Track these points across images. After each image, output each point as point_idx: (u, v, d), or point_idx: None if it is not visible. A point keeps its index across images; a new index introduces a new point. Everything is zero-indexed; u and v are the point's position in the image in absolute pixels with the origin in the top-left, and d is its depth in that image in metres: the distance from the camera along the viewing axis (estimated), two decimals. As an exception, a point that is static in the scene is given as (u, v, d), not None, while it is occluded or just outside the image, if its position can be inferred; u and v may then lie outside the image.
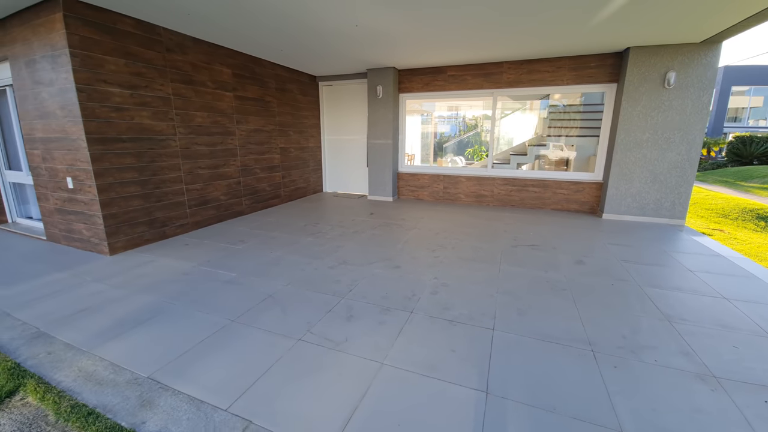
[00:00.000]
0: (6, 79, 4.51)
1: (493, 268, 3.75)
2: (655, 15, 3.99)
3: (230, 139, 5.65)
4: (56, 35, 3.55)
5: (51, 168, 4.17)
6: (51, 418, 1.80)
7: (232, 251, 4.25)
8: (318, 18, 4.16)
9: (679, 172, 5.43)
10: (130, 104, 4.13)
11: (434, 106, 8.49)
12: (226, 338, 2.45)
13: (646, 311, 2.84)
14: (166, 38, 4.48)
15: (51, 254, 4.16)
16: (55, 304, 2.95)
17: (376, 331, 2.55)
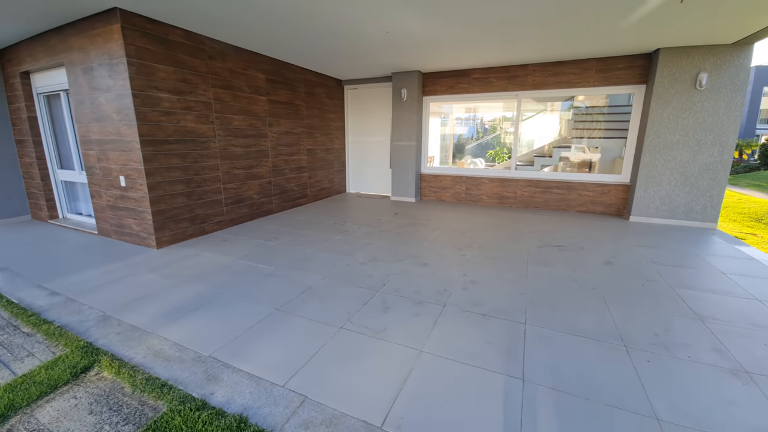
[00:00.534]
0: (62, 84, 4.91)
1: (521, 267, 3.84)
2: (688, 16, 3.99)
3: (263, 141, 5.93)
4: (114, 45, 3.87)
5: (105, 167, 4.52)
6: (127, 389, 2.03)
7: (267, 247, 4.49)
8: (351, 25, 4.36)
9: (711, 174, 5.35)
10: (177, 108, 4.43)
11: (452, 108, 8.58)
12: (273, 324, 2.65)
13: (678, 311, 2.87)
14: (209, 47, 4.78)
15: (103, 247, 4.50)
16: (115, 291, 3.23)
17: (412, 322, 2.69)
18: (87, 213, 5.69)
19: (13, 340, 2.52)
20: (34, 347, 2.43)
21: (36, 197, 5.75)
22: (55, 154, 5.58)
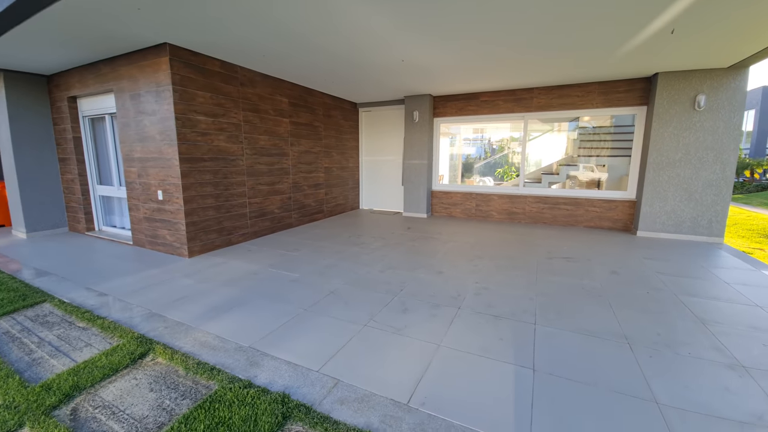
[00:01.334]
0: (109, 108, 5.44)
1: (530, 276, 4.05)
2: (681, 45, 4.33)
3: (285, 160, 6.35)
4: (162, 74, 4.36)
5: (145, 183, 4.94)
6: (181, 372, 2.29)
7: (289, 257, 4.78)
8: (368, 55, 4.81)
9: (715, 190, 5.54)
10: (212, 130, 4.88)
11: (460, 129, 8.95)
12: (302, 322, 2.91)
13: (680, 315, 3.05)
14: (241, 75, 5.28)
15: (140, 256, 4.86)
16: (157, 293, 3.54)
17: (430, 321, 2.92)
18: (121, 226, 6.11)
19: (70, 334, 2.82)
20: (90, 339, 2.72)
21: (75, 211, 6.20)
22: (95, 171, 6.07)
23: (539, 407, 1.91)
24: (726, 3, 3.18)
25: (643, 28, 3.80)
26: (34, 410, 1.95)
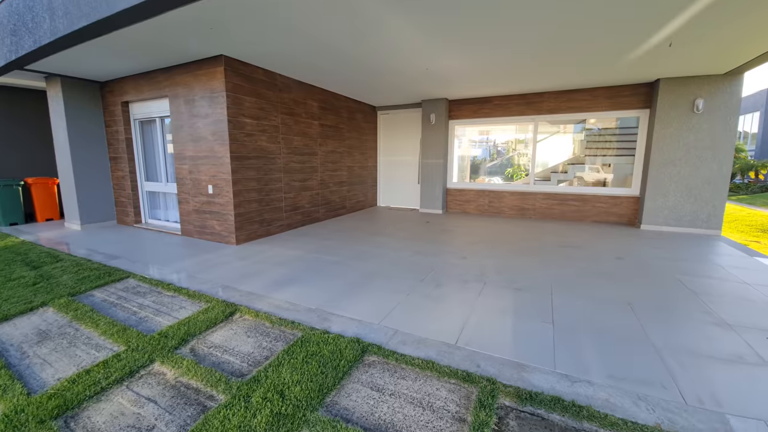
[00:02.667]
0: (160, 112, 6.03)
1: (544, 260, 4.55)
2: (679, 55, 4.83)
3: (314, 158, 6.91)
4: (217, 82, 4.94)
5: (195, 179, 5.51)
6: (268, 324, 2.83)
7: (325, 245, 5.33)
8: (396, 65, 5.36)
9: (713, 186, 6.01)
10: (255, 131, 5.45)
11: (465, 131, 9.41)
12: (354, 292, 3.44)
13: (677, 289, 3.54)
14: (280, 82, 5.86)
15: (191, 243, 5.42)
16: (222, 271, 4.10)
17: (462, 292, 3.44)
18: (165, 218, 6.69)
19: (162, 300, 3.38)
20: (182, 303, 3.28)
21: (124, 205, 6.80)
22: (143, 169, 6.67)
23: (559, 348, 2.43)
24: (717, 20, 3.68)
25: (643, 42, 4.31)
26: (159, 350, 2.49)
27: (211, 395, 2.03)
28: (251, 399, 1.95)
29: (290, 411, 1.85)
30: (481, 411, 1.81)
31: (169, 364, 2.32)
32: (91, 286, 3.66)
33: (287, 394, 1.98)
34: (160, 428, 1.81)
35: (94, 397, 2.04)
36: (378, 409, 1.88)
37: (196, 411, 1.91)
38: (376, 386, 2.06)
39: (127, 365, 2.30)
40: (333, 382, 2.08)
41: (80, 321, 2.94)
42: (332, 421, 1.78)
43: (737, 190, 20.56)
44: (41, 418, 1.87)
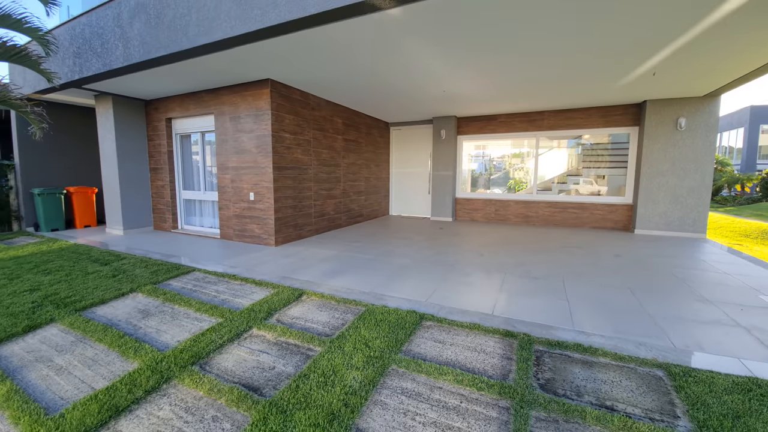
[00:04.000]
0: (202, 127, 6.69)
1: (553, 257, 5.19)
2: (662, 81, 5.63)
3: (338, 170, 7.57)
4: (262, 102, 5.62)
5: (237, 187, 6.13)
6: (333, 303, 3.41)
7: (355, 246, 5.92)
8: (418, 87, 6.09)
9: (697, 195, 6.75)
10: (293, 144, 6.11)
11: (473, 145, 10.16)
12: (395, 280, 4.04)
13: (667, 278, 4.19)
14: (312, 101, 6.57)
15: (232, 245, 5.99)
16: (273, 266, 4.67)
17: (487, 279, 4.06)
18: (200, 224, 7.26)
19: (234, 287, 3.94)
20: (252, 290, 3.84)
21: (162, 212, 7.36)
22: (181, 179, 7.27)
23: (575, 315, 3.04)
24: (694, 53, 4.46)
25: (631, 71, 5.09)
26: (252, 320, 3.06)
27: (309, 348, 2.61)
28: (344, 348, 2.53)
29: (378, 354, 2.44)
30: (523, 351, 2.41)
31: (265, 329, 2.90)
32: (165, 277, 4.22)
33: (371, 344, 2.56)
34: (279, 368, 2.38)
35: (216, 351, 2.61)
36: (444, 353, 2.47)
37: (302, 358, 2.49)
38: (438, 340, 2.65)
39: (231, 330, 2.87)
40: (404, 337, 2.67)
41: (172, 302, 3.50)
42: (413, 360, 2.37)
43: (725, 202, 21.55)
44: (181, 364, 2.43)
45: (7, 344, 2.81)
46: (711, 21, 3.50)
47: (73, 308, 3.36)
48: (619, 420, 1.81)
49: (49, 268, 4.57)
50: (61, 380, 2.33)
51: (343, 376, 2.22)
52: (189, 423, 1.91)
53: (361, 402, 2.00)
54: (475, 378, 2.18)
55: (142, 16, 4.63)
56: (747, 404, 1.92)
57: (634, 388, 2.09)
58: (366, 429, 1.82)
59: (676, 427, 1.79)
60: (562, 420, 1.84)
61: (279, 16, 3.55)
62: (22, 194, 7.44)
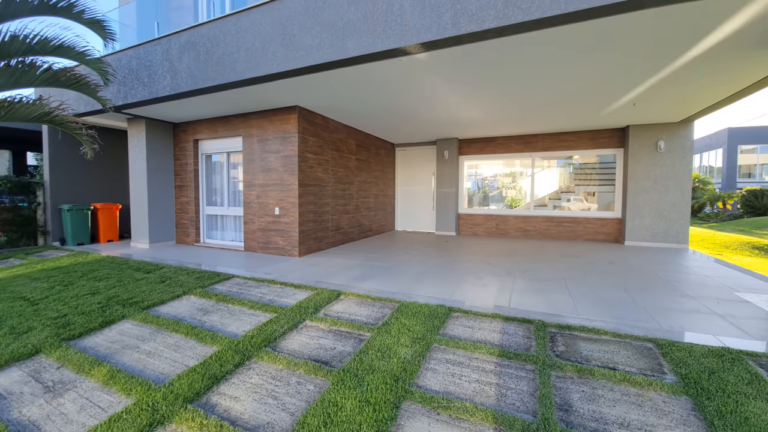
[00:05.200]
0: (231, 148, 7.26)
1: (554, 264, 5.77)
2: (642, 109, 6.43)
3: (351, 187, 8.16)
4: (290, 126, 6.25)
5: (263, 202, 6.65)
6: (369, 300, 3.90)
7: (372, 257, 6.43)
8: (430, 113, 6.81)
9: (678, 209, 7.48)
10: (315, 164, 6.71)
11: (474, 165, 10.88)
12: (418, 283, 4.55)
13: (654, 279, 4.78)
14: (331, 125, 7.23)
15: (258, 257, 6.44)
16: (304, 273, 5.14)
17: (499, 281, 4.60)
18: (221, 238, 7.71)
19: (275, 290, 4.40)
20: (293, 291, 4.31)
21: (185, 226, 7.81)
22: (205, 196, 7.77)
23: (579, 307, 3.59)
24: (667, 88, 5.24)
25: (615, 102, 5.87)
26: (303, 314, 3.53)
27: (360, 334, 3.09)
28: (391, 332, 3.03)
29: (420, 336, 2.94)
30: (539, 332, 2.94)
31: (316, 321, 3.37)
32: (209, 282, 4.67)
33: (413, 329, 3.06)
34: (338, 348, 2.86)
35: (280, 337, 3.07)
36: (474, 335, 2.98)
37: (356, 341, 2.97)
38: (467, 326, 3.16)
39: (288, 322, 3.34)
40: (439, 324, 3.17)
41: (225, 302, 3.95)
42: (451, 339, 2.87)
43: (708, 219, 22.60)
44: (256, 346, 2.89)
45: (87, 337, 3.23)
46: (676, 66, 4.26)
47: (139, 307, 3.79)
48: (620, 375, 2.34)
49: (99, 276, 4.98)
50: (155, 361, 2.77)
51: (396, 352, 2.71)
52: (278, 386, 2.38)
53: (415, 368, 2.49)
54: (504, 350, 2.69)
55: (192, 52, 5.27)
56: (720, 364, 2.46)
57: (630, 355, 2.62)
58: (424, 386, 2.31)
59: (663, 379, 2.32)
60: (576, 377, 2.36)
61: (321, 57, 4.21)
62: (50, 210, 7.83)
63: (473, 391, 2.25)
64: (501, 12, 3.23)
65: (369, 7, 3.86)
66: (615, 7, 2.89)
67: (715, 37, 3.52)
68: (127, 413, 2.12)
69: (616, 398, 2.16)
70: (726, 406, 2.05)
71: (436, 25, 3.52)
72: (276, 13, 4.49)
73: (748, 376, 2.33)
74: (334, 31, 4.09)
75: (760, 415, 1.98)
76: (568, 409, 2.07)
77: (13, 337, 3.16)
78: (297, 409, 2.15)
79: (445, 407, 2.10)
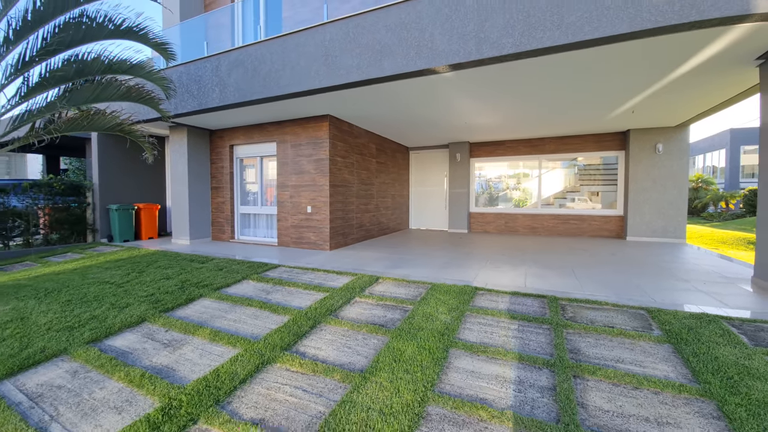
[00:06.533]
0: (265, 152, 7.97)
1: (563, 256, 6.40)
2: (641, 115, 7.06)
3: (372, 188, 8.85)
4: (321, 132, 6.95)
5: (296, 202, 7.35)
6: (405, 283, 4.57)
7: (397, 250, 7.10)
8: (446, 120, 7.48)
9: (675, 207, 8.08)
10: (342, 167, 7.40)
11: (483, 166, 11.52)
12: (444, 270, 5.21)
13: (651, 267, 5.40)
14: (356, 131, 7.93)
15: (291, 251, 7.13)
16: (339, 263, 5.82)
17: (515, 269, 5.25)
18: (253, 235, 8.41)
19: (320, 275, 5.07)
20: (337, 277, 4.98)
21: (221, 224, 8.53)
22: (239, 196, 8.49)
23: (585, 287, 4.23)
24: (661, 99, 5.87)
25: (615, 109, 6.52)
26: (353, 292, 4.20)
27: (403, 306, 3.76)
28: (429, 304, 3.69)
29: (454, 307, 3.60)
30: (552, 303, 3.59)
31: (364, 297, 4.05)
32: (260, 270, 5.36)
33: (447, 303, 3.73)
34: (389, 316, 3.53)
35: (339, 309, 3.75)
36: (499, 306, 3.64)
37: (401, 312, 3.64)
38: (492, 300, 3.82)
39: (342, 298, 4.02)
40: (468, 299, 3.84)
41: (281, 284, 4.64)
42: (480, 309, 3.54)
43: (711, 218, 23.03)
44: (322, 314, 3.57)
45: (178, 310, 3.92)
46: (666, 81, 4.91)
47: (211, 288, 4.49)
48: (617, 330, 2.99)
49: (162, 265, 5.69)
50: (242, 326, 3.45)
51: (437, 317, 3.38)
52: (349, 340, 3.05)
53: (455, 328, 3.15)
54: (524, 316, 3.35)
55: (240, 69, 5.99)
56: (698, 323, 3.10)
57: (626, 319, 3.27)
58: (464, 338, 2.98)
59: (651, 333, 2.97)
60: (582, 332, 3.01)
61: (359, 75, 4.90)
62: (99, 210, 8.59)
63: (502, 342, 2.91)
64: (518, 41, 3.91)
65: (403, 34, 4.56)
66: (610, 39, 3.56)
67: (697, 59, 4.17)
68: (241, 356, 2.80)
69: (614, 345, 2.81)
70: (700, 349, 2.69)
71: (462, 50, 4.20)
72: (319, 36, 5.20)
73: (721, 331, 2.97)
74: (372, 53, 4.78)
75: (727, 356, 2.62)
76: (577, 352, 2.72)
77: (117, 311, 3.86)
78: (368, 354, 2.82)
79: (483, 351, 2.77)
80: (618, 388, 2.30)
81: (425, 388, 2.31)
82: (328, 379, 2.50)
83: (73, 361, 2.87)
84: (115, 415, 2.21)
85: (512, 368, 2.55)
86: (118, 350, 3.03)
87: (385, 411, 2.10)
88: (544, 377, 2.44)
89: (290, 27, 6.38)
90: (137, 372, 2.62)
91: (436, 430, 1.98)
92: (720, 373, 2.41)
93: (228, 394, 2.36)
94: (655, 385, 2.31)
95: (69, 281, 4.89)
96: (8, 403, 2.39)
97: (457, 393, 2.29)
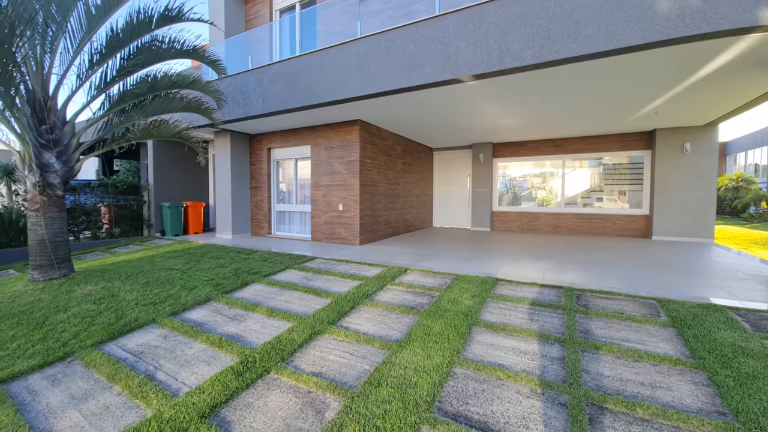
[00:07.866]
0: (300, 155, 8.63)
1: (583, 253, 6.64)
2: (667, 115, 7.15)
3: (398, 187, 9.33)
4: (353, 136, 7.50)
5: (328, 200, 7.95)
6: (432, 274, 5.02)
7: (422, 246, 7.55)
8: (472, 122, 7.85)
9: (703, 206, 8.06)
10: (371, 168, 7.93)
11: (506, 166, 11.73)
12: (467, 264, 5.62)
13: (670, 264, 5.57)
14: (383, 133, 8.44)
15: (324, 245, 7.73)
16: (369, 257, 6.34)
17: (535, 264, 5.58)
18: (288, 231, 9.10)
19: (353, 266, 5.61)
20: (368, 268, 5.51)
21: (260, 221, 9.28)
22: (276, 195, 9.21)
23: (604, 281, 4.53)
24: (687, 99, 6.00)
25: (638, 111, 6.67)
26: (384, 281, 4.70)
27: (431, 293, 4.22)
28: (454, 291, 4.14)
29: (477, 294, 4.03)
30: (567, 293, 3.95)
31: (395, 285, 4.54)
32: (300, 261, 5.97)
33: (470, 290, 4.16)
34: (418, 300, 4.00)
35: (373, 294, 4.26)
36: (518, 294, 4.03)
37: (429, 297, 4.10)
38: (512, 289, 4.22)
39: (375, 285, 4.53)
40: (489, 288, 4.25)
41: (320, 273, 5.21)
42: (500, 296, 3.95)
43: (751, 219, 21.90)
44: (359, 298, 4.09)
45: (236, 292, 4.54)
46: (688, 83, 5.09)
47: (260, 275, 5.12)
48: (626, 316, 3.33)
49: (214, 256, 6.43)
50: (291, 306, 4.02)
51: (462, 302, 3.82)
52: (384, 318, 3.55)
53: (477, 311, 3.59)
54: (541, 302, 3.74)
55: (281, 81, 6.64)
56: (704, 312, 3.38)
57: (636, 307, 3.58)
58: (485, 319, 3.41)
59: (658, 318, 3.28)
60: (594, 317, 3.37)
61: (392, 85, 5.39)
62: (154, 207, 9.56)
63: (520, 323, 3.33)
64: (537, 53, 4.27)
65: (431, 48, 5.01)
66: (625, 50, 3.87)
67: (713, 65, 4.37)
68: (296, 328, 3.36)
69: (621, 328, 3.16)
70: (701, 332, 3.00)
71: (485, 62, 4.61)
72: (354, 50, 5.74)
73: (724, 318, 3.25)
74: (402, 65, 5.27)
75: (725, 338, 2.92)
76: (586, 332, 3.10)
77: (187, 291, 4.54)
78: (402, 329, 3.31)
79: (502, 329, 3.19)
80: (620, 360, 2.67)
81: (452, 355, 2.77)
82: (370, 347, 3.01)
83: (162, 328, 3.53)
84: (206, 366, 2.81)
85: (527, 343, 2.96)
86: (194, 321, 3.68)
87: (419, 369, 2.59)
88: (555, 350, 2.84)
89: (324, 39, 7.00)
90: (215, 337, 3.23)
91: (462, 384, 2.44)
92: (716, 351, 2.72)
93: (290, 354, 2.91)
94: (653, 359, 2.66)
95: (142, 267, 5.69)
96: (116, 359, 3.04)
97: (479, 359, 2.74)
